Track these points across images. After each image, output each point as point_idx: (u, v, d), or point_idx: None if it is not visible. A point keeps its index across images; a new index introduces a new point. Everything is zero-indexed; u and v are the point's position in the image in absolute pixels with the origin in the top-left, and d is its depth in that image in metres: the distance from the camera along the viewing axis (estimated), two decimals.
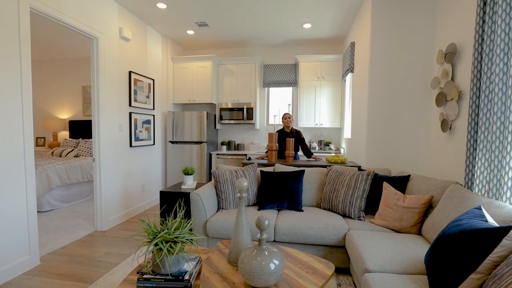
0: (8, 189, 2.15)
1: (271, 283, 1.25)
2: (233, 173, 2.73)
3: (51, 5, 2.50)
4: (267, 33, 4.44)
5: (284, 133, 3.85)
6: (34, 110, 6.03)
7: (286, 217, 2.35)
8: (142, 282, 1.32)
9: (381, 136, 3.00)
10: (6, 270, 2.12)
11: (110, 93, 3.31)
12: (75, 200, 4.39)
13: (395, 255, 1.64)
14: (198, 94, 4.83)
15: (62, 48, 5.11)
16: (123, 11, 3.51)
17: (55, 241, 2.84)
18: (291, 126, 3.84)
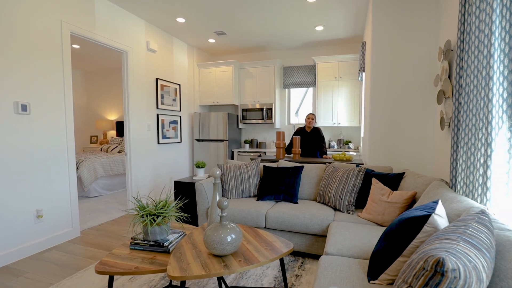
0: (55, 177, 2.77)
1: (227, 252, 1.52)
2: (237, 167, 3.03)
3: (86, 28, 3.09)
4: (283, 37, 4.64)
5: (302, 132, 3.98)
6: (88, 113, 7.11)
7: (279, 207, 2.57)
8: (133, 245, 1.70)
9: (383, 134, 3.01)
10: (54, 237, 2.73)
11: (139, 98, 3.87)
12: (117, 189, 5.14)
13: (357, 243, 1.76)
14: (221, 96, 5.24)
15: (109, 60, 5.97)
16: (150, 26, 4.06)
17: (95, 220, 3.47)
18: (312, 125, 3.95)
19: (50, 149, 2.71)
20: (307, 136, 3.94)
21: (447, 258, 0.84)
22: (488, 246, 1.01)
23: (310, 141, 3.92)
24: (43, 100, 2.65)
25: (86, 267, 2.32)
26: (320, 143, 3.86)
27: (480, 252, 0.96)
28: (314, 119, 3.92)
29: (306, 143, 3.94)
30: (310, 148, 3.93)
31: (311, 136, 3.92)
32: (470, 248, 0.95)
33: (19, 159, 2.45)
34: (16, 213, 2.44)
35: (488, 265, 0.94)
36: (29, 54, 2.51)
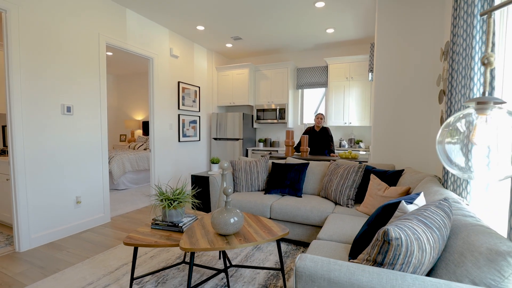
0: (91, 169, 3.20)
1: (230, 232, 1.79)
2: (247, 163, 3.30)
3: (119, 39, 3.51)
4: (296, 40, 4.85)
5: (312, 131, 4.20)
6: (118, 113, 7.73)
7: (283, 200, 2.81)
8: (154, 225, 2.03)
9: (387, 133, 3.15)
10: (90, 220, 3.17)
11: (162, 100, 4.27)
12: (142, 183, 5.62)
13: (347, 231, 1.97)
14: (237, 97, 5.55)
15: (136, 65, 6.49)
16: (173, 34, 4.45)
17: (123, 209, 3.90)
18: (321, 125, 4.16)
19: (88, 145, 3.15)
20: (316, 135, 4.14)
21: (391, 229, 1.05)
22: (439, 225, 1.20)
23: (319, 140, 4.12)
24: (83, 102, 3.09)
25: (115, 246, 2.71)
26: (328, 142, 4.04)
27: (429, 229, 1.15)
28: (323, 119, 4.11)
29: (315, 142, 4.14)
30: (319, 146, 4.12)
31: (320, 135, 4.12)
32: (420, 225, 1.15)
33: (64, 153, 2.90)
34: (61, 199, 2.89)
35: (435, 240, 1.14)
36: (73, 63, 2.95)
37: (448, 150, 0.95)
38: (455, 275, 1.09)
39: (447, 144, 0.96)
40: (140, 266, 2.30)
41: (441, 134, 0.97)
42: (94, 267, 2.29)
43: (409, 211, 1.43)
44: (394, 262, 1.05)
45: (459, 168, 0.87)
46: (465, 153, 0.90)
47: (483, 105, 0.86)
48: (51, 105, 2.79)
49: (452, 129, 0.94)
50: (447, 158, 0.95)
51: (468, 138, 0.89)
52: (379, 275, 1.01)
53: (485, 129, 0.84)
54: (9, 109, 2.51)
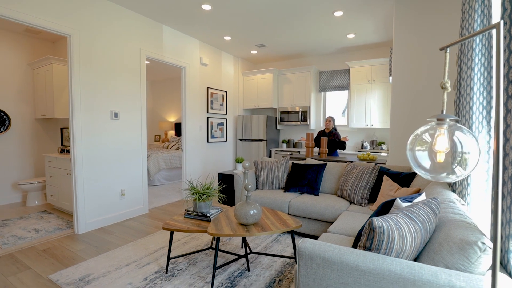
0: (133, 166, 3.70)
1: (250, 222, 2.10)
2: (269, 163, 3.60)
3: (156, 52, 3.98)
4: (318, 45, 5.04)
5: (322, 134, 4.52)
6: (153, 115, 8.42)
7: (301, 198, 3.06)
8: (186, 215, 2.40)
9: (403, 135, 3.26)
10: (131, 211, 3.67)
11: (193, 104, 4.70)
12: (174, 180, 6.15)
13: (355, 226, 2.18)
14: (262, 100, 5.86)
15: (169, 71, 7.06)
16: (202, 44, 4.87)
17: (158, 202, 4.39)
18: (330, 127, 4.43)
19: (130, 146, 3.65)
20: (323, 136, 4.48)
21: (375, 219, 1.29)
22: (423, 219, 1.40)
23: (329, 141, 4.46)
24: (127, 108, 3.58)
25: (153, 232, 3.15)
26: (336, 143, 4.37)
27: (412, 221, 1.37)
28: (332, 121, 4.40)
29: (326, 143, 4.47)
30: (329, 147, 4.45)
31: (328, 136, 4.47)
32: (404, 218, 1.37)
33: (111, 152, 3.41)
34: (109, 191, 3.40)
35: (416, 231, 1.35)
36: (119, 75, 3.46)
37: (417, 156, 1.17)
38: (433, 261, 1.30)
39: (417, 151, 1.17)
40: (174, 250, 2.70)
41: (411, 142, 1.19)
42: (137, 248, 2.73)
43: (402, 207, 1.63)
44: (379, 247, 1.29)
45: (424, 169, 1.09)
46: (431, 158, 1.12)
47: (441, 121, 1.08)
48: (102, 112, 3.30)
49: (420, 139, 1.16)
50: (416, 162, 1.17)
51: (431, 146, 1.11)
52: (364, 256, 1.26)
53: (443, 139, 1.06)
54: (71, 115, 3.04)
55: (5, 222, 3.45)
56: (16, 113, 4.43)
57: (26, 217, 3.65)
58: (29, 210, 3.99)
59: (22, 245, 2.81)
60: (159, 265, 2.40)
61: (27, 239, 2.93)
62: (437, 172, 0.99)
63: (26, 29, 4.22)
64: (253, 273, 2.30)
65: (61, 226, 3.31)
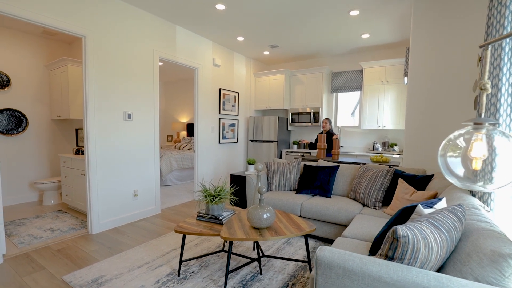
0: (146, 166, 3.72)
1: (263, 226, 2.06)
2: (281, 164, 3.55)
3: (170, 53, 4.00)
4: (331, 46, 4.96)
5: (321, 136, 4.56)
6: (166, 116, 8.49)
7: (313, 200, 3.00)
8: (199, 217, 2.38)
9: (419, 138, 3.15)
10: (144, 211, 3.69)
11: (205, 105, 4.70)
12: (186, 180, 6.18)
13: (370, 230, 2.11)
14: (273, 101, 5.82)
15: (182, 72, 7.11)
16: (215, 45, 4.87)
17: (170, 202, 4.41)
18: (327, 128, 4.60)
19: (143, 146, 3.67)
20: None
21: (399, 228, 1.23)
22: (449, 228, 1.33)
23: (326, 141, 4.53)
24: (140, 109, 3.61)
25: (165, 233, 3.15)
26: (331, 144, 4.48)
27: (438, 230, 1.30)
28: (328, 123, 4.56)
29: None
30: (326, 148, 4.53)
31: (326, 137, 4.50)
32: (429, 226, 1.30)
33: (124, 153, 3.44)
34: (122, 192, 3.43)
35: (442, 240, 1.28)
36: (133, 77, 3.48)
37: (450, 162, 1.11)
38: (460, 273, 1.22)
39: (450, 157, 1.11)
40: (186, 252, 2.69)
41: (443, 148, 1.12)
42: (149, 250, 2.73)
43: (425, 214, 1.55)
44: (403, 257, 1.22)
45: (457, 177, 1.02)
46: (465, 165, 1.05)
47: (478, 125, 1.01)
48: (116, 113, 3.33)
49: (453, 144, 1.09)
50: (448, 169, 1.11)
51: (466, 153, 1.04)
52: (388, 266, 1.20)
53: (480, 145, 0.99)
54: (85, 116, 3.08)
55: (22, 221, 3.53)
56: (33, 114, 4.54)
57: (42, 216, 3.72)
58: (45, 209, 4.07)
59: (37, 244, 2.86)
60: (171, 267, 2.39)
61: (42, 239, 2.99)
62: (472, 181, 0.93)
63: (43, 31, 4.32)
64: (266, 276, 2.26)
65: (75, 226, 3.36)
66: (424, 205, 1.76)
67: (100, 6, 3.13)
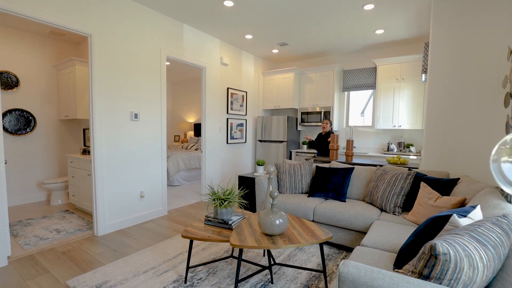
0: (152, 166, 3.62)
1: (275, 233, 1.92)
2: (291, 166, 3.40)
3: (177, 51, 3.90)
4: (343, 42, 4.78)
5: (320, 136, 4.64)
6: (173, 116, 8.44)
7: (327, 204, 2.85)
8: (207, 221, 2.26)
9: (441, 138, 2.96)
10: (150, 213, 3.60)
11: (213, 105, 4.59)
12: (193, 180, 6.08)
13: (392, 239, 1.95)
14: (282, 101, 5.66)
15: (189, 72, 7.02)
16: (223, 43, 4.75)
17: (177, 203, 4.31)
18: (327, 129, 4.58)
19: (150, 147, 3.58)
20: (322, 138, 4.57)
21: (439, 244, 1.07)
22: (495, 243, 1.16)
23: (324, 142, 4.51)
24: (147, 108, 3.52)
25: (172, 236, 3.04)
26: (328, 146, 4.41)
27: (483, 247, 1.13)
28: (329, 124, 4.53)
29: (321, 145, 4.56)
30: (324, 148, 4.51)
31: (325, 138, 4.54)
32: (473, 241, 1.14)
33: (131, 153, 3.35)
34: (129, 193, 3.34)
35: (489, 258, 1.11)
36: (139, 76, 3.39)
37: (505, 169, 0.94)
38: None
39: (504, 163, 0.94)
40: (193, 256, 2.57)
41: (497, 152, 0.96)
42: (155, 254, 2.63)
43: (461, 225, 1.39)
44: (442, 277, 1.06)
45: None
46: None
47: None
48: (122, 113, 3.24)
49: (510, 147, 0.93)
50: (503, 177, 0.95)
51: None
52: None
53: None
54: (91, 116, 3.00)
55: (29, 222, 3.48)
56: (41, 114, 4.51)
57: (49, 217, 3.67)
58: (52, 210, 4.03)
59: (43, 246, 2.79)
60: (177, 273, 2.28)
61: (48, 240, 2.92)
62: None
63: (51, 31, 4.28)
64: (277, 285, 2.12)
65: (81, 227, 3.29)
66: (459, 214, 1.59)
67: (106, 4, 3.05)
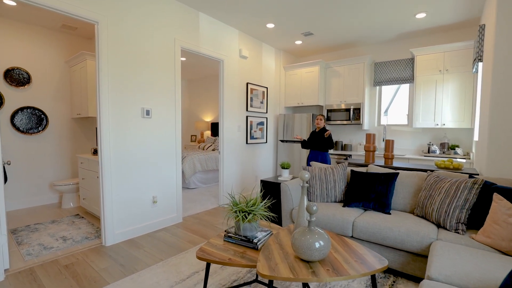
0: (166, 168, 3.30)
1: (315, 259, 1.50)
2: (322, 170, 2.96)
3: (192, 43, 3.56)
4: (376, 31, 4.26)
5: (314, 133, 4.08)
6: (189, 115, 8.18)
7: (368, 216, 2.39)
8: (227, 237, 1.87)
9: (510, 139, 2.42)
10: (164, 220, 3.27)
11: (231, 101, 4.22)
12: (210, 183, 5.76)
13: (472, 272, 1.47)
14: (306, 97, 5.21)
15: (206, 68, 6.71)
16: (242, 34, 4.37)
17: (193, 209, 3.98)
18: (321, 125, 4.02)
19: (163, 146, 3.25)
20: (316, 136, 4.04)
21: None
22: None
23: (318, 140, 3.99)
24: (160, 104, 3.20)
25: (187, 249, 2.69)
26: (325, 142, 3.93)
27: None
28: (322, 120, 4.03)
29: (315, 142, 4.02)
30: (318, 145, 3.99)
31: (319, 135, 4.00)
32: None
33: (142, 154, 3.04)
34: (140, 198, 3.03)
35: None
36: (152, 69, 3.08)
37: None
38: None
39: None
40: (210, 276, 2.20)
41: None
42: (167, 271, 2.28)
43: None
44: None
45: None
46: None
47: None
48: (133, 109, 2.93)
49: None
50: None
51: None
52: None
53: None
54: (99, 112, 2.71)
55: (36, 227, 3.26)
56: (54, 112, 4.33)
57: (58, 222, 3.44)
58: (63, 213, 3.81)
59: (45, 256, 2.52)
60: None
61: (52, 250, 2.65)
62: None
63: (63, 24, 4.07)
64: None
65: (89, 235, 3.01)
66: None
67: None
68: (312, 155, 4.05)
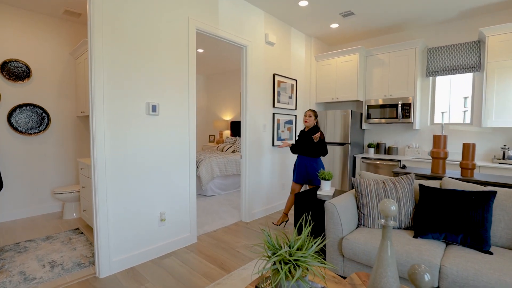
0: (177, 176, 2.68)
1: None
2: (380, 184, 2.21)
3: (210, 24, 2.92)
4: (432, 8, 3.42)
5: (302, 133, 3.18)
6: (207, 113, 7.61)
7: (460, 257, 1.63)
8: None
9: None
10: (173, 242, 2.66)
11: (256, 95, 3.55)
12: (229, 190, 5.12)
13: None
14: (342, 91, 4.44)
15: (227, 61, 6.08)
16: (268, 17, 3.68)
17: (210, 224, 3.35)
18: (311, 124, 3.10)
19: (174, 149, 2.64)
20: (304, 137, 3.11)
21: None
22: None
23: (306, 142, 3.06)
24: (169, 99, 2.58)
25: (200, 287, 2.05)
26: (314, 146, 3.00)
27: None
28: (313, 116, 3.09)
29: (302, 144, 3.11)
30: (305, 150, 3.08)
31: (307, 136, 3.07)
32: None
33: (147, 159, 2.43)
34: (143, 214, 2.43)
35: None
36: (159, 55, 2.47)
37: None
38: None
39: None
40: None
41: None
42: None
43: None
44: None
45: None
46: None
47: None
48: (136, 104, 2.34)
49: None
50: None
51: None
52: None
53: None
54: (91, 107, 2.13)
55: (26, 245, 2.76)
56: (56, 110, 3.87)
57: (53, 239, 2.93)
58: (62, 226, 3.32)
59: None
60: None
61: (33, 283, 2.10)
62: None
63: (65, 10, 3.58)
64: None
65: (83, 260, 2.45)
66: None
67: None
68: (299, 162, 3.14)
